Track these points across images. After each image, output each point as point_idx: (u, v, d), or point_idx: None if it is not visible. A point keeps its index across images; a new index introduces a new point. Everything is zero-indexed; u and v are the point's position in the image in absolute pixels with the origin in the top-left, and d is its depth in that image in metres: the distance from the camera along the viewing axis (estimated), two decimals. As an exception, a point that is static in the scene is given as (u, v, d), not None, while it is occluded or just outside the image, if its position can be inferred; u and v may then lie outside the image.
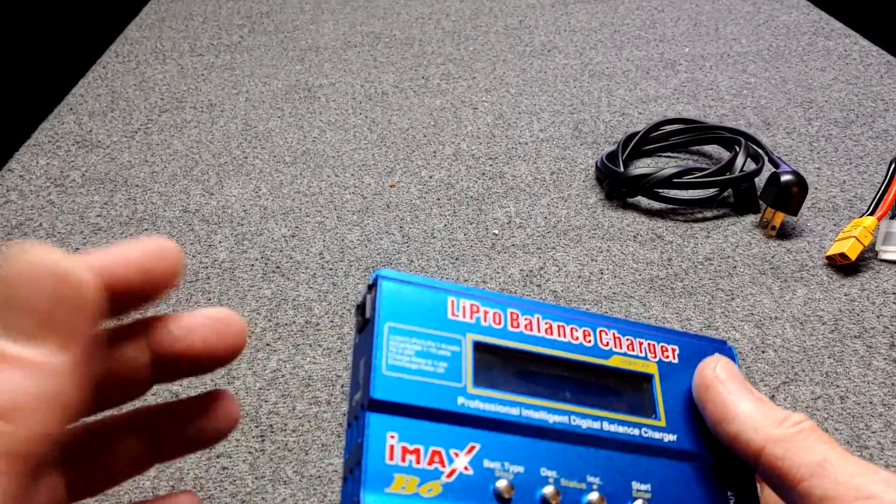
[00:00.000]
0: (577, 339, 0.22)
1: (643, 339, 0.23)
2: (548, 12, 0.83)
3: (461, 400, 0.19)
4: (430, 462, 0.18)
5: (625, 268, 0.48)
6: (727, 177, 0.51)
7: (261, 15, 0.84)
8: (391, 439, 0.18)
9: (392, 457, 0.18)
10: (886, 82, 0.68)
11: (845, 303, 0.45)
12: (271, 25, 0.82)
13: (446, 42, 0.78)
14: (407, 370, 0.19)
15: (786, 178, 0.49)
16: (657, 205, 0.53)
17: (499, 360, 0.20)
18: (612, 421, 0.21)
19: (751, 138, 0.56)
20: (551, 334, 0.21)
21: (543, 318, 0.21)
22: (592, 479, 0.20)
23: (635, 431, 0.21)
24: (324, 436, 0.38)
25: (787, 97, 0.66)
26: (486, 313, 0.21)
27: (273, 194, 0.55)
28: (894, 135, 0.61)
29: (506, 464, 0.19)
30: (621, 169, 0.53)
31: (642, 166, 0.58)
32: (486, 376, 0.20)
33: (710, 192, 0.53)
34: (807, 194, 0.49)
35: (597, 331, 0.22)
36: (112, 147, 0.61)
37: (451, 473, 0.18)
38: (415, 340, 0.19)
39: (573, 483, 0.19)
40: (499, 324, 0.21)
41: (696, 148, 0.60)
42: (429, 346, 0.20)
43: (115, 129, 0.64)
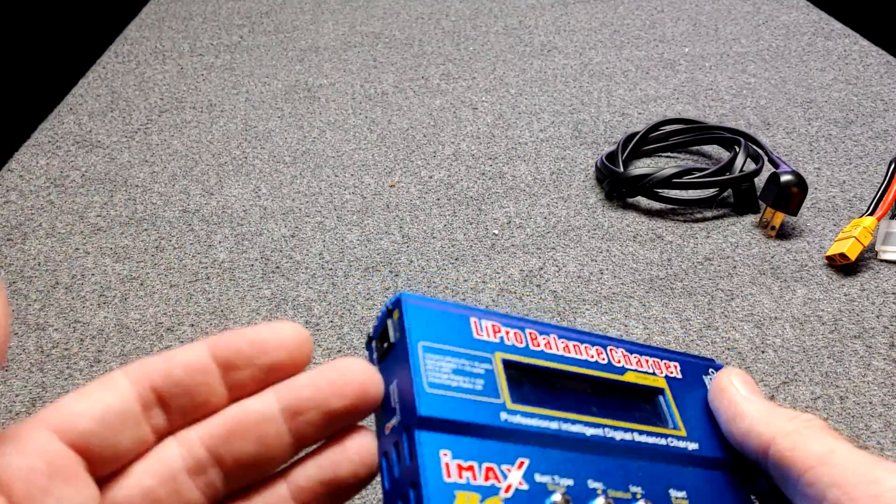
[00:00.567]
0: (592, 357, 0.22)
1: (647, 357, 0.23)
2: (547, 12, 0.83)
3: (504, 416, 0.19)
4: (486, 478, 0.18)
5: (624, 268, 0.48)
6: (727, 177, 0.51)
7: (260, 15, 0.84)
8: (444, 457, 0.18)
9: (449, 474, 0.17)
10: (886, 82, 0.68)
11: (845, 303, 0.45)
12: (271, 25, 0.82)
13: (446, 42, 0.78)
14: (448, 387, 0.19)
15: (785, 178, 0.49)
16: (657, 205, 0.53)
17: (527, 378, 0.21)
18: (640, 432, 0.21)
19: (750, 138, 0.56)
20: (569, 352, 0.22)
21: (559, 338, 0.22)
22: (635, 488, 0.20)
23: (663, 441, 0.22)
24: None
25: (786, 97, 0.66)
26: (507, 333, 0.21)
27: (273, 194, 0.55)
28: (894, 135, 0.61)
29: (555, 477, 0.19)
30: (621, 169, 0.53)
31: (642, 166, 0.58)
32: (519, 393, 0.20)
33: (710, 192, 0.53)
34: (806, 194, 0.49)
35: (607, 349, 0.23)
36: (112, 147, 0.61)
37: (508, 489, 0.18)
38: (449, 359, 0.19)
39: (619, 493, 0.20)
40: (521, 343, 0.21)
41: (696, 148, 0.60)
42: (462, 365, 0.20)
43: (115, 130, 0.64)
